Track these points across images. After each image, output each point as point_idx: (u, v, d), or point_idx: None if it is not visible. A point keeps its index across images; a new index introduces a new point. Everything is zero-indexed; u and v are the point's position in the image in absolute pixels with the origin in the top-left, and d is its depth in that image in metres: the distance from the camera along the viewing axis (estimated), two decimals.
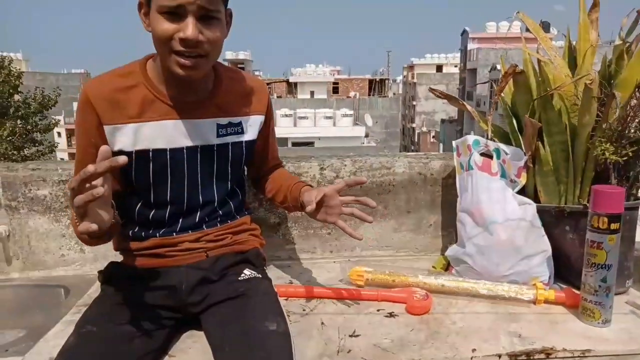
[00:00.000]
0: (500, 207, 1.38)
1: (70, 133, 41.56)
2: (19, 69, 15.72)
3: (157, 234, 1.17)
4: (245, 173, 1.37)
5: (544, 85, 1.33)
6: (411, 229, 1.76)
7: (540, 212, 1.39)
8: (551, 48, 1.36)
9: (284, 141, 24.81)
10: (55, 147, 17.75)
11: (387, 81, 49.71)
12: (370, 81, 48.00)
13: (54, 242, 1.63)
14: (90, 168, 0.82)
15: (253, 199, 1.64)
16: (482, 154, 1.48)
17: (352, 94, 42.75)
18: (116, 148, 1.07)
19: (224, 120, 1.16)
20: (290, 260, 1.71)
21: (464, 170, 1.51)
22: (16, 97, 14.88)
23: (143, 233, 1.17)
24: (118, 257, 1.37)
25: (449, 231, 1.75)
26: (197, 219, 1.19)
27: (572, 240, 1.36)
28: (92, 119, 1.06)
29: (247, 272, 1.18)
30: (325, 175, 1.69)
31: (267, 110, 1.26)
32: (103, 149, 0.85)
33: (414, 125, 49.69)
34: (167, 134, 1.09)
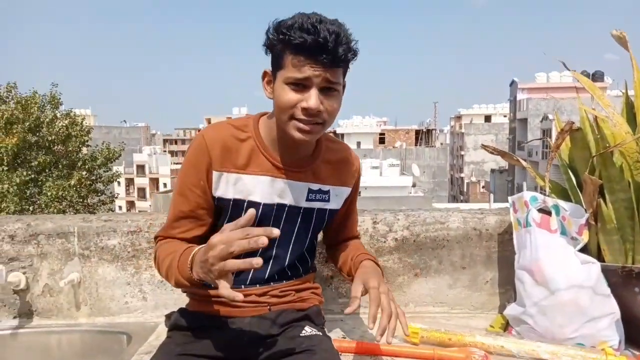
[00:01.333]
0: (562, 265, 1.34)
1: (128, 182, 43.92)
2: (89, 124, 17.10)
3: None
4: (318, 239, 1.39)
5: (603, 142, 1.32)
6: (466, 285, 1.72)
7: (606, 271, 1.33)
8: (608, 105, 1.36)
9: None
10: (116, 197, 18.80)
11: (434, 131, 49.62)
12: (417, 132, 48.09)
13: (119, 290, 1.72)
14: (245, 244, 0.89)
15: None
16: (539, 210, 1.46)
17: (398, 144, 42.84)
18: (217, 194, 1.15)
19: (315, 186, 1.22)
20: (342, 314, 1.71)
21: (522, 226, 1.49)
22: (84, 150, 16.09)
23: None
24: (178, 303, 1.43)
25: (507, 289, 1.70)
26: (266, 274, 1.23)
27: None
28: (205, 162, 1.13)
29: (308, 329, 1.19)
30: (378, 229, 1.70)
31: (355, 185, 1.32)
32: (250, 213, 0.92)
33: (462, 175, 48.80)
34: (265, 189, 1.16)
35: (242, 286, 1.22)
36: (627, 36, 1.33)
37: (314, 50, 1.01)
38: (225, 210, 1.17)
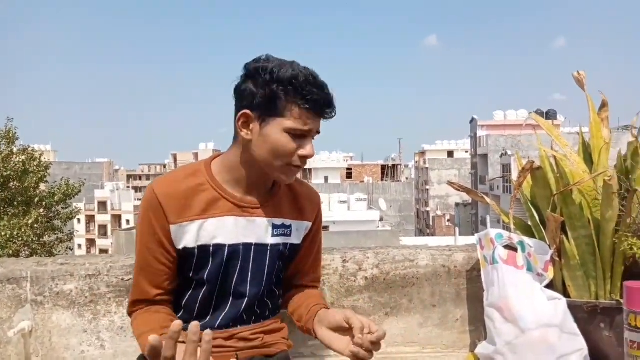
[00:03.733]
0: (530, 302, 1.36)
1: (89, 219, 42.38)
2: (48, 160, 16.53)
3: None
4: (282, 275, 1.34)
5: (563, 180, 1.37)
6: (437, 323, 1.70)
7: (572, 307, 1.35)
8: (566, 145, 1.42)
9: None
10: (75, 234, 18.03)
11: (399, 166, 50.72)
12: (383, 167, 49.03)
13: (75, 338, 1.61)
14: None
15: None
16: (505, 247, 1.48)
17: (365, 179, 43.46)
18: (180, 246, 1.12)
19: (278, 221, 1.20)
20: (312, 357, 1.66)
21: (489, 263, 1.50)
22: (42, 186, 15.47)
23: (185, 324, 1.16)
24: (140, 351, 1.34)
25: (477, 326, 1.69)
26: (235, 316, 1.19)
27: (609, 337, 1.31)
28: (160, 217, 1.10)
29: None
30: (347, 268, 1.68)
31: (315, 220, 1.30)
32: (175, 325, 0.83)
33: (428, 209, 49.70)
34: (228, 230, 1.14)
35: (209, 329, 1.16)
36: (585, 78, 1.41)
37: (322, 106, 1.09)
38: (191, 257, 1.13)
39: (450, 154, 54.72)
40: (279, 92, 1.06)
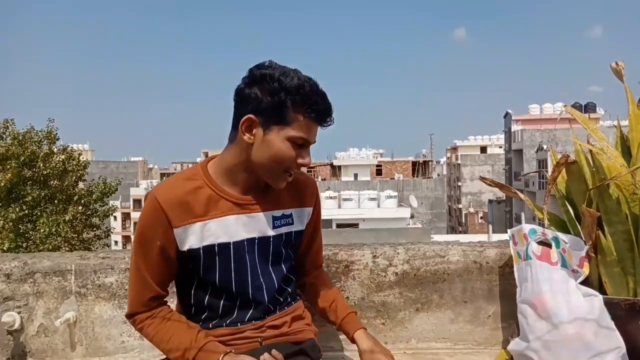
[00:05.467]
0: (564, 299, 1.33)
1: (125, 217, 43.69)
2: (86, 159, 17.14)
3: (224, 324, 1.22)
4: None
5: (599, 174, 1.34)
6: (469, 319, 1.69)
7: (609, 304, 1.32)
8: (602, 138, 1.38)
9: (328, 223, 24.87)
10: (112, 231, 18.65)
11: (430, 163, 50.00)
12: (414, 163, 48.44)
13: (115, 329, 1.69)
14: None
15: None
16: (539, 242, 1.46)
17: (396, 175, 43.08)
18: (185, 247, 1.16)
19: (278, 213, 1.25)
20: (343, 351, 1.68)
21: (522, 259, 1.48)
22: (80, 184, 16.06)
23: (211, 324, 1.22)
24: None
25: (509, 323, 1.67)
26: (260, 308, 1.23)
27: None
28: (162, 222, 1.15)
29: None
30: (378, 264, 1.69)
31: (315, 204, 1.34)
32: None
33: (460, 206, 48.82)
34: (230, 228, 1.18)
35: (239, 324, 1.22)
36: (624, 69, 1.37)
37: (325, 116, 1.14)
38: (197, 258, 1.18)
39: (483, 149, 53.50)
40: (287, 101, 1.09)
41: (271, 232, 1.23)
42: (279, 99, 1.09)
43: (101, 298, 1.68)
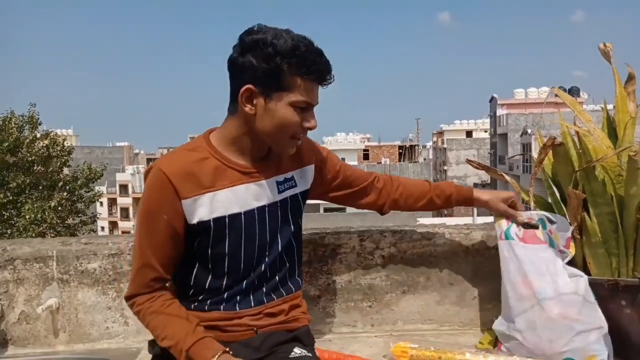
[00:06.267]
0: (551, 279, 1.34)
1: (111, 202, 43.26)
2: (71, 144, 16.86)
3: (222, 307, 1.18)
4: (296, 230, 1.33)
5: (585, 156, 1.34)
6: (454, 301, 1.71)
7: (592, 285, 1.34)
8: (589, 120, 1.38)
9: (315, 207, 24.93)
10: (98, 217, 18.48)
11: (417, 147, 50.20)
12: (400, 147, 48.61)
13: (100, 315, 1.67)
14: None
15: None
16: (525, 225, 1.46)
17: (383, 160, 43.22)
18: (195, 220, 1.12)
19: (280, 177, 1.23)
20: (330, 334, 1.68)
21: (505, 240, 1.49)
22: (65, 170, 15.81)
23: (206, 306, 1.18)
24: None
25: (494, 304, 1.68)
26: (260, 291, 1.20)
27: (630, 315, 1.30)
28: (170, 195, 1.10)
29: (298, 351, 1.17)
30: (365, 247, 1.69)
31: (315, 158, 1.33)
32: None
33: None
34: (240, 198, 1.15)
35: (237, 307, 1.18)
36: (612, 51, 1.36)
37: (324, 75, 1.10)
38: (207, 231, 1.14)
39: (469, 134, 53.83)
40: (283, 65, 1.05)
41: (278, 197, 1.21)
42: (275, 65, 1.05)
43: (84, 284, 1.66)
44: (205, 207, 1.12)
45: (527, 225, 1.45)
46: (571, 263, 1.41)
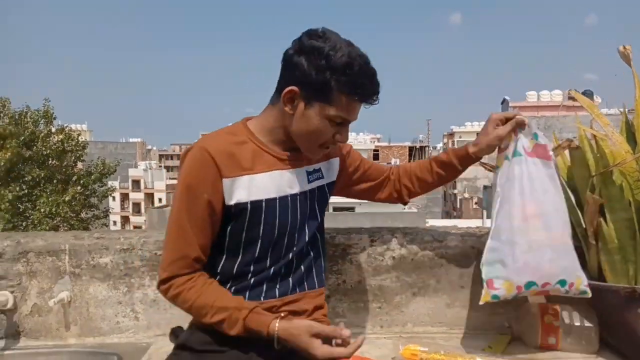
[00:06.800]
0: (553, 197, 1.32)
1: (123, 197, 43.70)
2: (85, 139, 17.07)
3: (246, 295, 1.17)
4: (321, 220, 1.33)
5: (603, 161, 1.31)
6: (465, 305, 1.69)
7: (608, 292, 1.31)
8: (607, 124, 1.36)
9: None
10: (110, 212, 18.68)
11: (427, 148, 49.91)
12: (410, 148, 48.37)
13: (110, 309, 1.68)
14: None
15: None
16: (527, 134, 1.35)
17: (392, 160, 43.06)
18: (233, 201, 1.12)
19: (310, 168, 1.26)
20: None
21: (509, 160, 1.34)
22: (79, 165, 16.02)
23: (231, 294, 1.17)
24: (172, 323, 1.38)
25: (506, 309, 1.67)
26: (288, 279, 1.20)
27: None
28: (212, 173, 1.10)
29: None
30: (375, 247, 1.68)
31: (340, 152, 1.36)
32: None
33: (455, 191, 48.91)
34: (276, 183, 1.17)
35: (261, 298, 1.17)
36: (631, 53, 1.34)
37: (370, 96, 1.12)
38: (243, 213, 1.13)
39: None
40: (331, 81, 1.07)
41: (307, 187, 1.24)
42: (324, 78, 1.07)
43: (96, 278, 1.67)
44: (243, 189, 1.12)
45: (528, 134, 1.34)
46: (585, 269, 1.38)
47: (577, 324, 1.44)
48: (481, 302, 1.34)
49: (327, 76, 1.06)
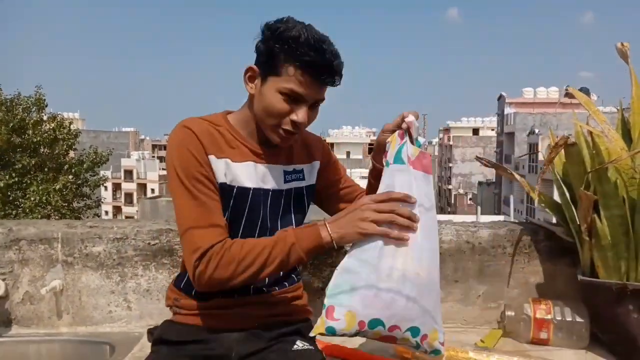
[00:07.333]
0: (429, 223, 1.07)
1: (115, 187, 43.45)
2: (77, 128, 16.91)
3: (220, 295, 1.16)
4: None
5: (598, 157, 1.32)
6: (458, 299, 1.70)
7: (600, 288, 1.32)
8: (604, 121, 1.36)
9: None
10: (102, 201, 18.57)
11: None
12: None
13: (103, 299, 1.67)
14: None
15: None
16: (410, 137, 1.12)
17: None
18: (219, 180, 1.10)
19: (289, 168, 1.22)
20: None
21: (395, 164, 1.09)
22: (71, 153, 15.88)
23: (207, 294, 1.16)
24: (164, 313, 1.38)
25: (499, 303, 1.68)
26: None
27: (638, 320, 1.28)
28: (198, 148, 1.08)
29: (300, 344, 1.16)
30: None
31: (323, 155, 1.31)
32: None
33: (450, 186, 49.16)
34: (251, 174, 1.15)
35: (235, 295, 1.17)
36: (629, 51, 1.34)
37: (319, 70, 1.05)
38: (225, 195, 1.11)
39: (476, 131, 53.58)
40: (276, 50, 1.05)
41: (283, 187, 1.20)
42: (270, 48, 1.06)
43: (88, 267, 1.66)
44: (221, 171, 1.11)
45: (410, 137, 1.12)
46: (579, 266, 1.39)
47: (569, 319, 1.45)
48: (312, 334, 1.05)
49: (271, 44, 1.05)
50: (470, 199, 42.62)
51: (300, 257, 1.03)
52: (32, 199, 13.41)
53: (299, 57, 1.03)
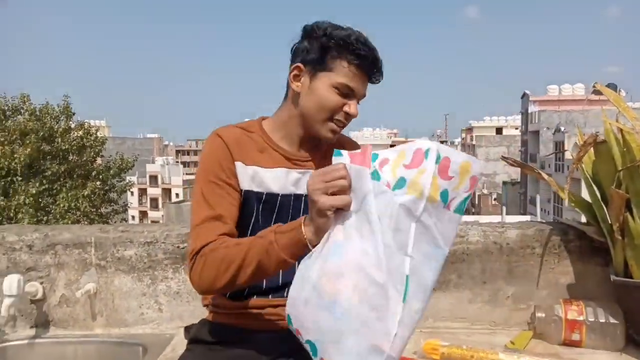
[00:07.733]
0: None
1: (141, 192, 44.33)
2: (104, 135, 17.36)
3: (255, 294, 1.18)
4: None
5: (630, 155, 1.29)
6: (487, 300, 1.68)
7: (633, 288, 1.29)
8: (635, 118, 1.33)
9: None
10: (129, 206, 19.01)
11: (445, 143, 49.43)
12: None
13: (135, 301, 1.71)
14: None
15: None
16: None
17: None
18: (244, 187, 1.14)
19: None
20: None
21: (372, 180, 0.90)
22: (98, 160, 16.30)
23: (245, 291, 1.18)
24: (195, 314, 1.40)
25: (529, 304, 1.65)
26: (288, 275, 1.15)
27: None
28: (227, 155, 1.13)
29: None
30: None
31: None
32: None
33: None
34: (279, 180, 1.17)
35: (269, 296, 1.18)
36: None
37: (370, 66, 1.12)
38: (249, 202, 1.14)
39: (499, 130, 52.64)
40: (331, 46, 1.10)
41: None
42: (324, 45, 1.10)
43: (120, 271, 1.70)
44: (248, 178, 1.14)
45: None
46: (611, 266, 1.36)
47: (602, 320, 1.42)
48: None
49: (324, 41, 1.10)
50: (494, 199, 41.89)
51: (279, 257, 0.95)
52: (62, 205, 13.81)
53: (353, 51, 1.09)
